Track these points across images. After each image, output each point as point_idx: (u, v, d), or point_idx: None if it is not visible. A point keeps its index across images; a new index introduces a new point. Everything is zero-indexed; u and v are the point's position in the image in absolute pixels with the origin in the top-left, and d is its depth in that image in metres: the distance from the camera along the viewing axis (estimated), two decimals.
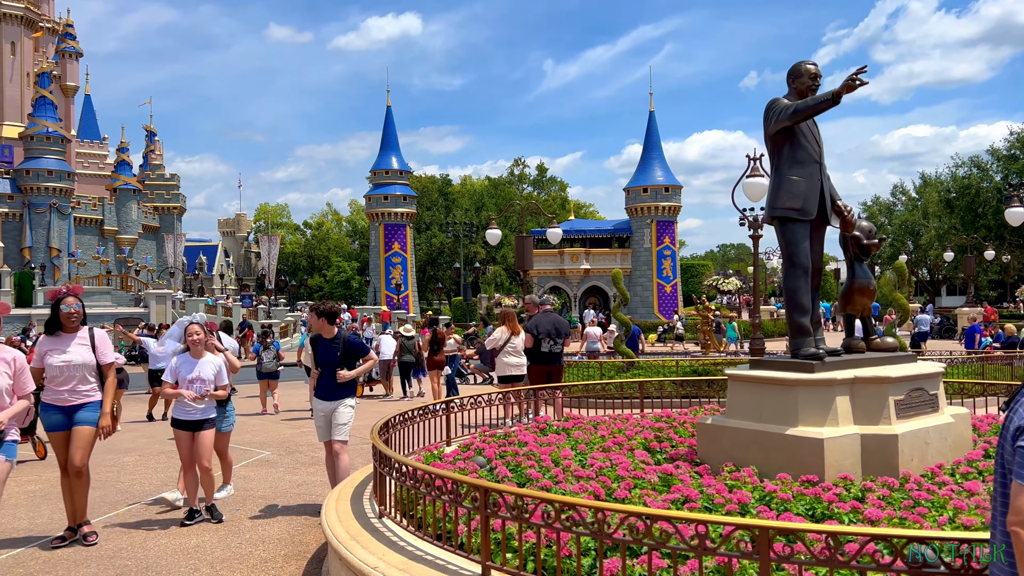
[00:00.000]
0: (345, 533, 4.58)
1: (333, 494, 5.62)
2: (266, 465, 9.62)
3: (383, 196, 54.55)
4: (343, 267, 73.56)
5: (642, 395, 8.89)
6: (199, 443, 6.81)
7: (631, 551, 3.58)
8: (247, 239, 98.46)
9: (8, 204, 56.80)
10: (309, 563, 5.68)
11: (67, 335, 6.19)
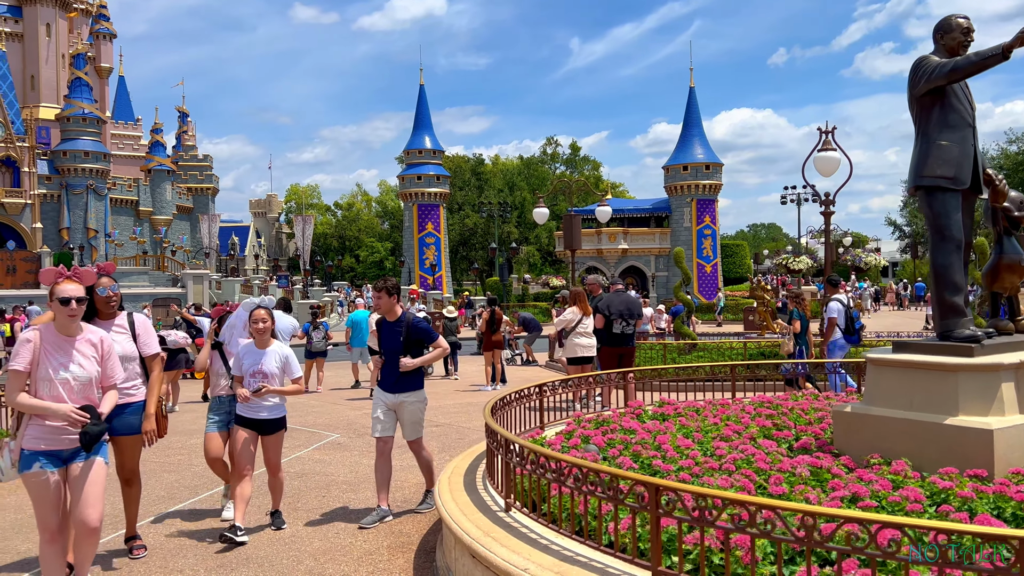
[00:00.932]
0: (476, 529, 4.24)
1: (443, 484, 5.28)
2: (339, 448, 9.35)
3: (416, 176, 54.22)
4: (376, 247, 73.52)
5: (733, 379, 8.45)
6: (265, 448, 5.91)
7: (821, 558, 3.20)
8: (278, 220, 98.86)
9: (46, 185, 57.29)
10: (417, 555, 5.37)
11: (103, 322, 5.11)
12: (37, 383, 4.17)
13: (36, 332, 4.23)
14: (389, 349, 6.20)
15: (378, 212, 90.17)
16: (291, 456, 8.78)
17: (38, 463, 4.13)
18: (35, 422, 4.17)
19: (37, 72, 61.39)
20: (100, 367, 4.37)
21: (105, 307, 5.15)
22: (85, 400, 4.22)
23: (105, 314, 5.16)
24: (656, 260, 47.28)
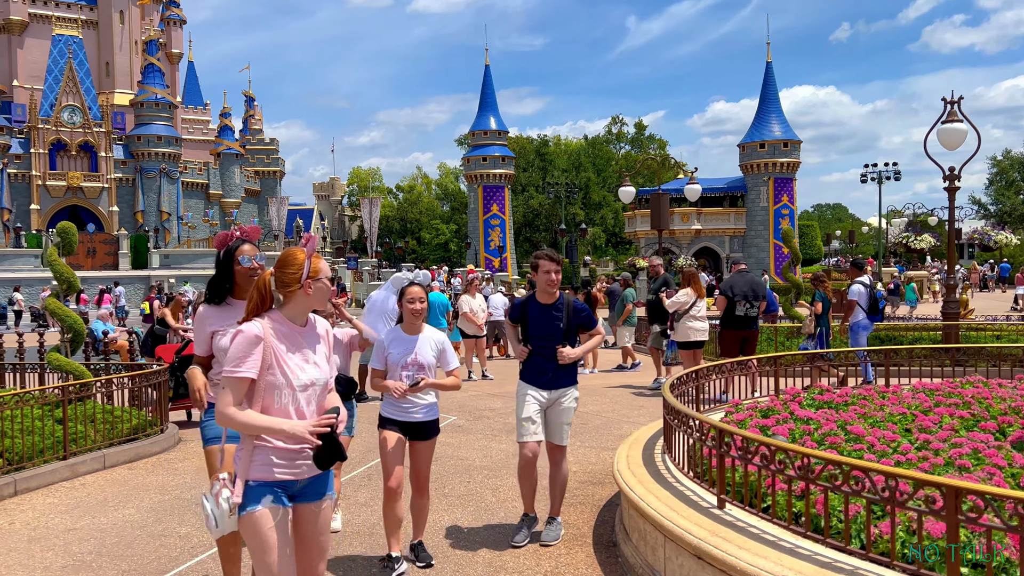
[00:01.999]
0: (700, 528, 3.88)
1: (627, 476, 4.93)
2: (461, 432, 9.11)
3: (481, 157, 53.96)
4: (441, 229, 73.68)
5: (887, 364, 7.90)
6: (415, 458, 4.90)
7: None
8: (340, 203, 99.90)
9: (122, 169, 58.84)
10: (597, 549, 5.05)
11: (243, 303, 3.72)
12: (264, 392, 3.00)
13: (263, 324, 3.01)
14: (544, 336, 5.21)
15: (438, 194, 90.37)
16: None
17: (269, 497, 2.94)
18: (263, 445, 2.98)
19: (111, 59, 62.88)
20: None
21: (247, 283, 3.99)
22: (319, 411, 3.12)
23: (246, 291, 3.91)
24: (730, 241, 46.09)
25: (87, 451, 7.68)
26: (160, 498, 6.58)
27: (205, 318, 4.01)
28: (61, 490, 6.94)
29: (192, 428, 9.74)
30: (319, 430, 2.91)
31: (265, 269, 3.82)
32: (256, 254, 4.04)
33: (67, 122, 55.87)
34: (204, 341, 4.02)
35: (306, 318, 3.15)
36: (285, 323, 3.07)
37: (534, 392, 5.24)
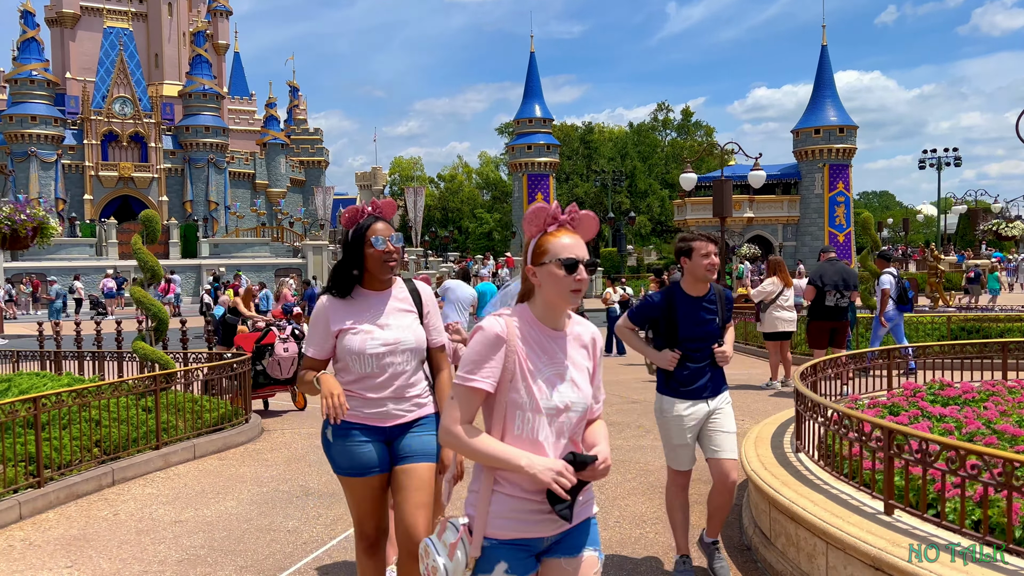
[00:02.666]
0: (880, 539, 3.59)
1: (768, 480, 4.64)
2: None
3: (526, 146, 53.59)
4: (485, 219, 73.59)
5: (1005, 357, 7.49)
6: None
7: None
8: (383, 192, 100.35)
9: (171, 160, 59.70)
10: (729, 552, 4.78)
11: (375, 294, 3.29)
12: (505, 412, 2.24)
13: (509, 322, 2.25)
14: (698, 337, 4.24)
15: (478, 183, 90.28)
16: None
17: (504, 565, 2.21)
18: (501, 493, 2.22)
19: (160, 50, 63.75)
20: None
21: (382, 271, 3.21)
22: (569, 445, 2.29)
23: (381, 281, 3.26)
24: (783, 229, 45.09)
25: (177, 441, 7.62)
26: (258, 490, 6.47)
27: (327, 313, 3.23)
28: (157, 480, 6.88)
29: (271, 417, 9.68)
30: (566, 480, 2.12)
31: (401, 253, 3.30)
32: (391, 234, 3.19)
33: (118, 113, 56.81)
34: (323, 340, 3.23)
35: (563, 318, 2.33)
36: (536, 324, 2.28)
37: (689, 408, 4.27)
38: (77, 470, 6.54)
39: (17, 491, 5.96)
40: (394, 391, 3.22)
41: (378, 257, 3.20)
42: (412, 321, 3.30)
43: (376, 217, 3.26)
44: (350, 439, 3.21)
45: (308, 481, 6.69)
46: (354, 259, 3.23)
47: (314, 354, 3.27)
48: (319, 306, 3.28)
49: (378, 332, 3.21)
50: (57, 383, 9.04)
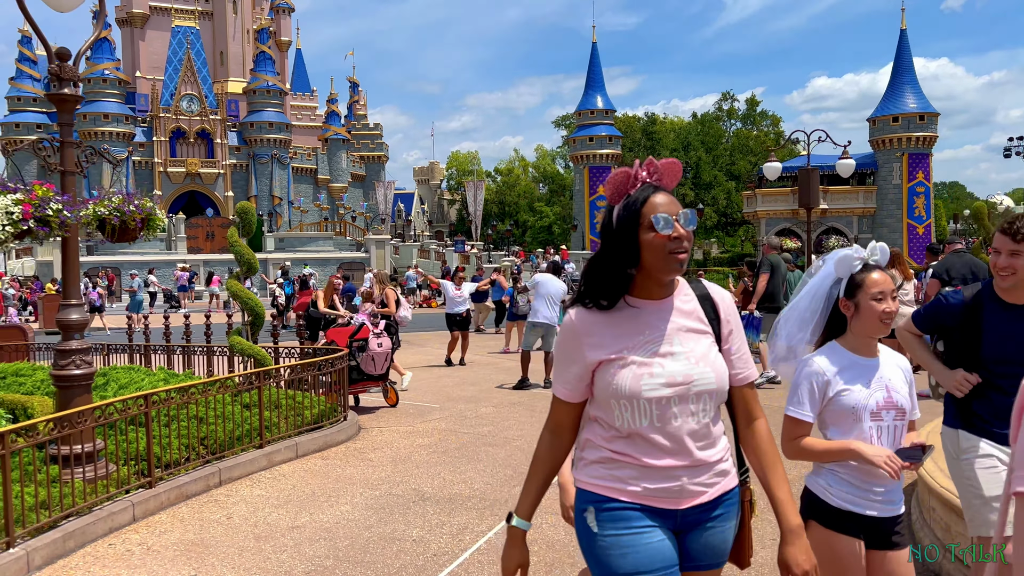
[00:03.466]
0: None
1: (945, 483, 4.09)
2: None
3: (588, 138, 52.93)
4: (545, 212, 73.12)
5: None
6: None
7: None
8: (440, 187, 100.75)
9: (236, 155, 60.75)
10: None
11: (650, 305, 2.14)
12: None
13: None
14: (1011, 359, 3.06)
15: (534, 177, 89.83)
16: None
17: None
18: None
19: (225, 48, 64.88)
20: None
21: (666, 265, 2.05)
22: None
23: (660, 284, 2.12)
24: (859, 221, 43.41)
25: (279, 439, 7.38)
26: (370, 494, 6.15)
27: (579, 334, 2.12)
28: (263, 480, 6.63)
29: (364, 414, 9.41)
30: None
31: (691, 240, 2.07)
32: (679, 211, 2.04)
33: (186, 110, 58.01)
34: (575, 376, 2.14)
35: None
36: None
37: (998, 450, 3.08)
38: (185, 469, 6.33)
39: (129, 491, 5.75)
40: (687, 454, 2.08)
41: (661, 246, 2.00)
42: (709, 347, 2.13)
43: (654, 186, 2.08)
44: (629, 528, 2.07)
45: (420, 484, 6.35)
46: (625, 250, 2.05)
47: (564, 395, 2.18)
48: (567, 325, 2.16)
49: (660, 365, 2.05)
50: (153, 378, 8.93)
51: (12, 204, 5.07)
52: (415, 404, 10.00)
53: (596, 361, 2.09)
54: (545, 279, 11.20)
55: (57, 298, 26.30)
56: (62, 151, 5.73)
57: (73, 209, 5.47)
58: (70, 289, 5.86)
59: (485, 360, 14.51)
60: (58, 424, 5.16)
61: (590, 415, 2.20)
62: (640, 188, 2.08)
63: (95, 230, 6.03)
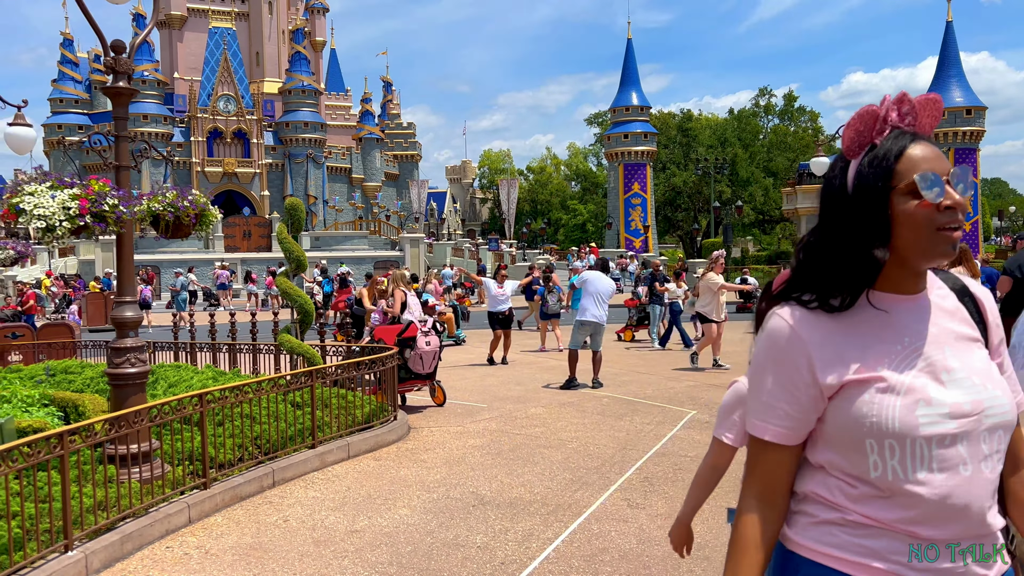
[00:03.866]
0: None
1: None
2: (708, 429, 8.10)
3: (623, 135, 52.42)
4: (579, 210, 72.74)
5: None
6: None
7: None
8: (472, 185, 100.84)
9: (272, 155, 61.27)
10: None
11: (901, 302, 1.47)
12: None
13: None
14: None
15: (566, 175, 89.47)
16: (667, 439, 7.68)
17: None
18: None
19: (261, 48, 65.47)
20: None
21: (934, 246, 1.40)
22: None
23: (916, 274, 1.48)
24: None
25: (331, 439, 7.24)
26: (427, 496, 5.97)
27: (800, 344, 1.46)
28: (316, 482, 6.48)
29: (411, 414, 9.24)
30: None
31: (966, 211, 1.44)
32: (948, 170, 1.42)
33: (223, 111, 58.61)
34: (800, 409, 1.47)
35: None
36: None
37: None
38: (239, 470, 6.21)
39: (184, 492, 5.64)
40: (978, 520, 1.42)
41: (926, 219, 1.39)
42: (988, 362, 1.51)
43: (913, 135, 1.45)
44: None
45: (478, 487, 6.16)
46: (871, 225, 1.42)
47: (780, 436, 1.49)
48: (779, 332, 1.48)
49: (937, 387, 1.42)
50: (202, 376, 8.86)
51: (69, 199, 4.97)
52: (462, 404, 9.82)
53: (836, 384, 1.43)
54: (593, 276, 10.96)
55: (100, 296, 26.62)
56: (117, 146, 5.62)
57: (128, 204, 5.36)
58: (125, 286, 5.76)
59: (527, 359, 14.30)
60: (115, 424, 5.05)
61: (814, 461, 1.51)
62: (891, 136, 1.43)
63: (148, 226, 5.93)
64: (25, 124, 10.49)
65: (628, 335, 17.12)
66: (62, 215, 4.93)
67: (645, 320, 16.69)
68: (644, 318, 16.72)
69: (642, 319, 16.85)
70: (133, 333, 5.75)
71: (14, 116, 10.45)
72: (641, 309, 16.88)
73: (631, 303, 17.51)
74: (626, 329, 17.27)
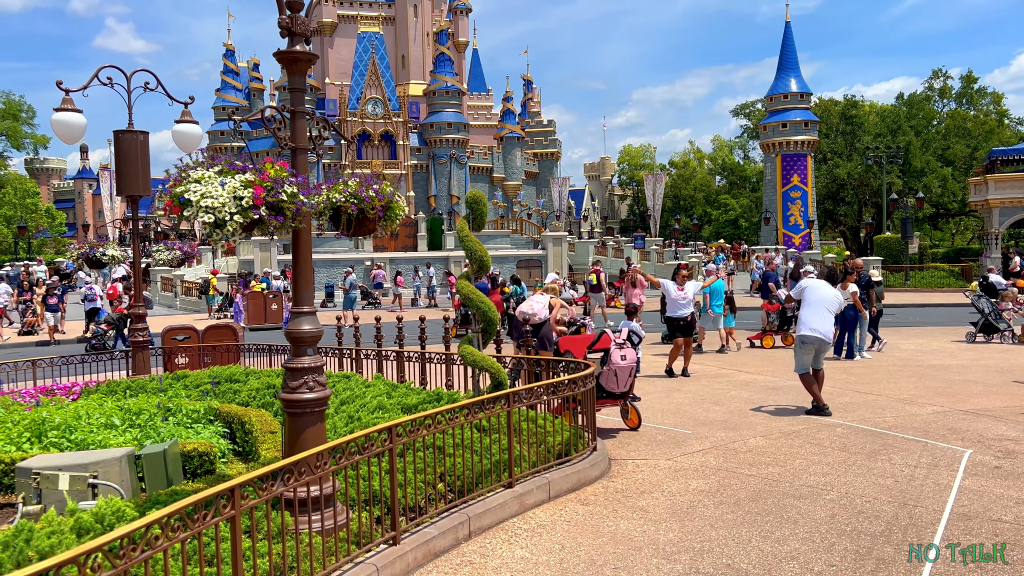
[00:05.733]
0: None
1: None
2: (1009, 479, 6.26)
3: (781, 123, 49.02)
4: (730, 204, 69.35)
5: None
6: None
7: None
8: (610, 182, 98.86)
9: (416, 156, 62.08)
10: None
11: None
12: None
13: None
14: None
15: (710, 169, 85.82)
16: (955, 491, 5.93)
17: None
18: None
19: (407, 51, 66.50)
20: None
21: None
22: None
23: None
24: None
25: (528, 476, 6.03)
26: (670, 569, 4.61)
27: None
28: (520, 534, 5.28)
29: (605, 439, 7.92)
30: None
31: None
32: None
33: (371, 114, 59.93)
34: None
35: None
36: None
37: None
38: (429, 517, 5.10)
39: (370, 551, 4.56)
40: None
41: None
42: None
43: None
44: None
45: (734, 558, 4.73)
46: None
47: None
48: None
49: None
50: (373, 390, 7.92)
51: (241, 187, 3.97)
52: (660, 428, 8.41)
53: None
54: (816, 285, 9.23)
55: (260, 296, 27.10)
56: (293, 123, 4.63)
57: (308, 193, 4.33)
58: (301, 292, 4.77)
59: (708, 370, 12.67)
60: (295, 471, 4.01)
61: None
62: None
63: (327, 220, 4.91)
64: (191, 121, 10.06)
65: (768, 341, 15.74)
66: (233, 206, 3.94)
67: (786, 325, 15.54)
68: (785, 323, 15.57)
69: (783, 323, 15.65)
70: (312, 350, 4.74)
71: (181, 113, 10.08)
72: (782, 313, 15.62)
73: (770, 307, 16.11)
74: (765, 334, 15.83)
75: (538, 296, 11.61)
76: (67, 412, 7.02)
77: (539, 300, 11.34)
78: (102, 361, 11.69)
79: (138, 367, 11.59)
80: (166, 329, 13.53)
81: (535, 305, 11.08)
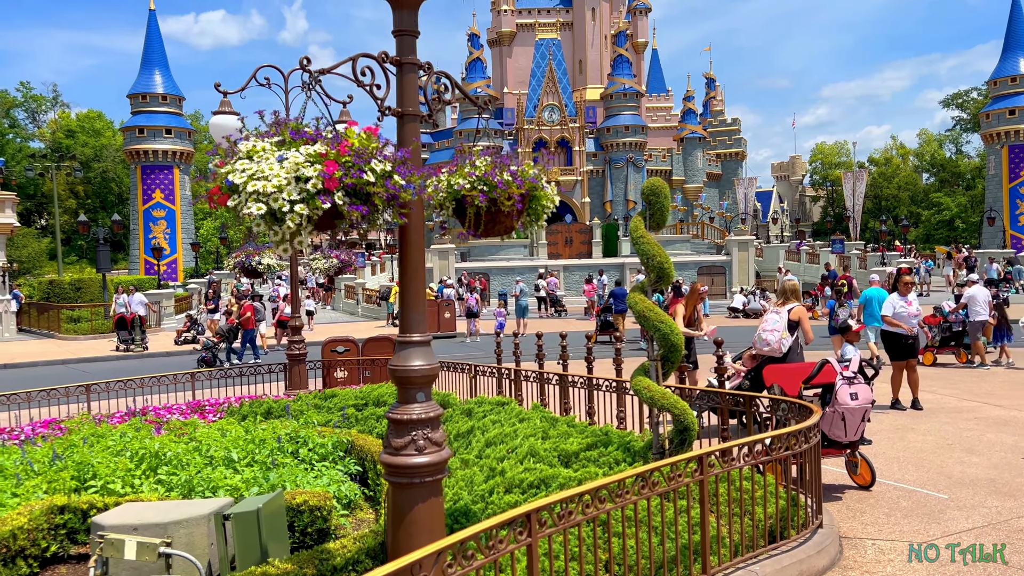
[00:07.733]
0: None
1: None
2: None
3: (1007, 110, 42.89)
4: (945, 203, 62.30)
5: None
6: None
7: None
8: (801, 183, 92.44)
9: (592, 161, 60.79)
10: None
11: None
12: None
13: None
14: None
15: (916, 166, 77.67)
16: None
17: None
18: None
19: (584, 56, 65.50)
20: None
21: None
22: None
23: None
24: None
25: (729, 568, 4.36)
26: None
27: None
28: None
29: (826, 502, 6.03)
30: None
31: None
32: None
33: (547, 121, 59.39)
34: None
35: None
36: None
37: None
38: None
39: None
40: None
41: None
42: None
43: None
44: None
45: None
46: None
47: None
48: None
49: None
50: (527, 426, 6.53)
51: (307, 163, 2.68)
52: (901, 487, 6.37)
53: None
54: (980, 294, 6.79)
55: (433, 303, 26.81)
56: (400, 78, 3.32)
57: (412, 175, 2.99)
58: (410, 316, 3.45)
59: (948, 403, 10.18)
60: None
61: None
62: None
63: (449, 215, 3.56)
64: (231, 112, 9.15)
65: (928, 358, 14.37)
66: (295, 191, 2.66)
67: (952, 341, 14.36)
68: (951, 338, 14.39)
69: (947, 339, 14.45)
70: (424, 396, 3.41)
71: (219, 104, 9.26)
72: (947, 328, 14.45)
73: (933, 320, 14.41)
74: (926, 351, 14.17)
75: (773, 314, 7.72)
76: (184, 442, 6.22)
77: (776, 319, 7.61)
78: (259, 375, 11.25)
79: (294, 382, 11.03)
80: (327, 340, 13.02)
81: (771, 331, 7.55)
